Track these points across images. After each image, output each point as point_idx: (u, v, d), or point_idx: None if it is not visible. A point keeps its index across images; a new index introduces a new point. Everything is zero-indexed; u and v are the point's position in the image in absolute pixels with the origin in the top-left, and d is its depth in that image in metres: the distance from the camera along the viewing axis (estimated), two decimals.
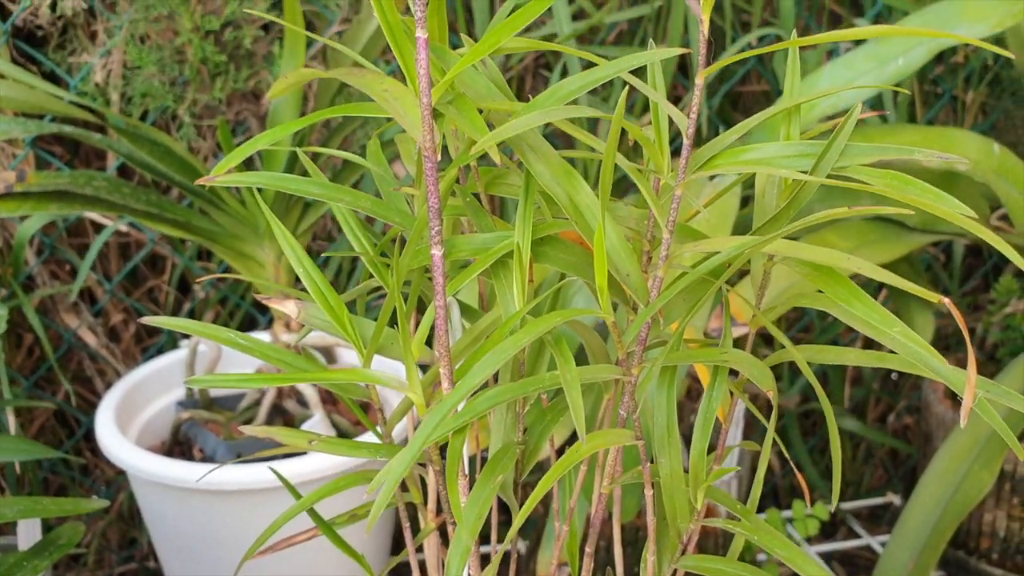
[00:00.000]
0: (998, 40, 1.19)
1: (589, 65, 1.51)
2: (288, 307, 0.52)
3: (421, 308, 0.59)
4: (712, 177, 1.06)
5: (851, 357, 0.54)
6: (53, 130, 1.07)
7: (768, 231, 0.48)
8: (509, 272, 0.49)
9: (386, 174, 0.57)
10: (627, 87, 0.48)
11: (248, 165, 1.39)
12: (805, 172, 0.46)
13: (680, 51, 0.48)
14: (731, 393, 0.55)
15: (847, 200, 1.14)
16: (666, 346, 0.50)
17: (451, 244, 0.51)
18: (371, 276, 0.56)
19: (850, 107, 1.08)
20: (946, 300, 0.44)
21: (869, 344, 1.43)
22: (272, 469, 0.66)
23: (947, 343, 1.70)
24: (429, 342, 0.54)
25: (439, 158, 0.45)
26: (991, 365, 1.55)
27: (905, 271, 1.25)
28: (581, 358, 0.58)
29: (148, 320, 0.54)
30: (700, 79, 0.44)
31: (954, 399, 1.41)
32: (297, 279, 1.27)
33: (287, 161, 1.14)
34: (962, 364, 1.71)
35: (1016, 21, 0.98)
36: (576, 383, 0.43)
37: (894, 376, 1.64)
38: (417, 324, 0.59)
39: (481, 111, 0.48)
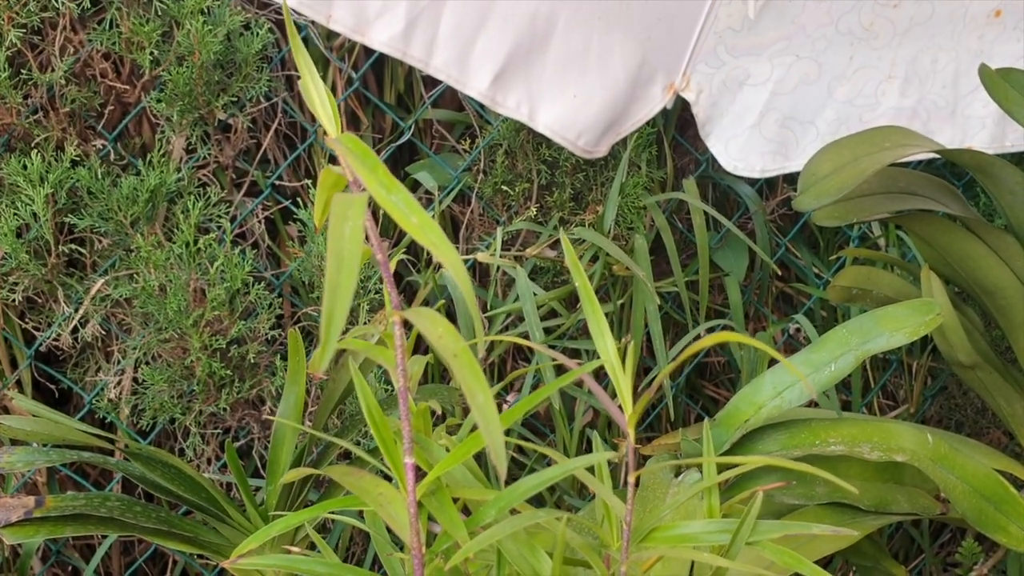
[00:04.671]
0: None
1: (559, 369, 1.62)
2: None
3: None
4: (677, 474, 1.16)
5: None
6: (73, 459, 1.17)
7: None
8: None
9: (383, 539, 0.67)
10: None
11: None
12: (724, 547, 0.56)
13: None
14: None
15: (802, 486, 1.24)
16: None
17: None
18: None
19: (792, 407, 1.19)
20: None
21: None
22: None
23: None
24: None
25: (424, 551, 0.55)
26: None
27: (868, 548, 1.34)
28: None
29: None
30: (632, 478, 0.55)
31: None
32: None
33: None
34: None
35: (929, 329, 1.12)
36: None
37: None
38: None
39: (456, 500, 0.59)
